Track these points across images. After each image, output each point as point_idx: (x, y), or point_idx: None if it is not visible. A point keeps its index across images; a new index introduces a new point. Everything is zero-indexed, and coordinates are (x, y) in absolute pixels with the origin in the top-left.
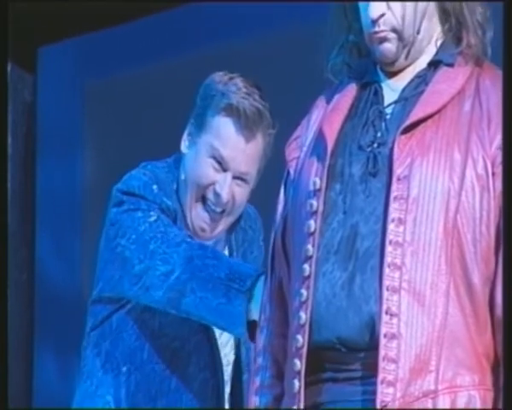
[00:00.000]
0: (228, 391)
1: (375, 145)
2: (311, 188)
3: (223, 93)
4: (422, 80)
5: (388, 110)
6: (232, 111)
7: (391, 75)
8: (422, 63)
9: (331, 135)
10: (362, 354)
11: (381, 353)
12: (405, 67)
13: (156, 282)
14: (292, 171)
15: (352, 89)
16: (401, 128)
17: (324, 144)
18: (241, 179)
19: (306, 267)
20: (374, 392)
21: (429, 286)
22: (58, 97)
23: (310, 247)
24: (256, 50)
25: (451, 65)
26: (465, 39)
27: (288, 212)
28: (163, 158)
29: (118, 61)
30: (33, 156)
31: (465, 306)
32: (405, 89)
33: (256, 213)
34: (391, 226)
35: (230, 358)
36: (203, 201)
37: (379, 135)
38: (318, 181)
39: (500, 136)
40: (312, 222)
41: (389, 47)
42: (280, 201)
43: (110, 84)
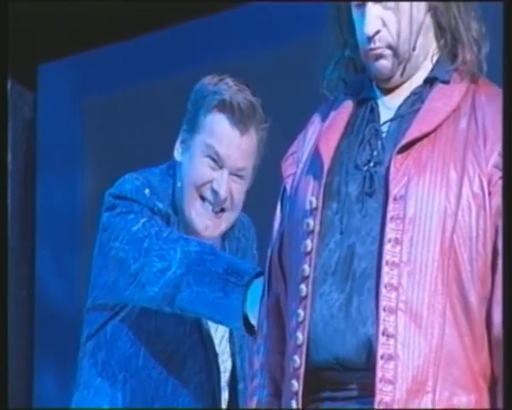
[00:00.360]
0: (226, 398)
1: (372, 164)
2: (308, 207)
3: (214, 92)
4: (418, 97)
5: (384, 128)
6: (225, 107)
7: (387, 92)
8: (418, 79)
9: (327, 153)
10: (359, 374)
11: (378, 374)
12: (401, 84)
13: (152, 278)
14: (288, 187)
15: (348, 106)
16: (397, 147)
17: (321, 163)
18: (238, 176)
19: (303, 288)
20: None
21: (426, 307)
22: (58, 114)
23: (306, 267)
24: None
25: (447, 82)
26: (460, 55)
27: (285, 229)
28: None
29: (117, 79)
30: (33, 173)
31: (462, 325)
32: (401, 106)
33: (249, 221)
34: (387, 247)
35: (228, 365)
36: (202, 200)
37: (375, 154)
38: (315, 200)
39: (496, 153)
40: (309, 242)
41: (385, 64)
42: (276, 217)
43: (110, 101)
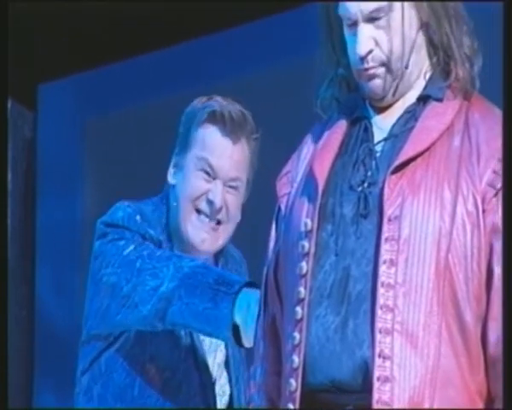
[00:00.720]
0: None
1: (366, 185)
2: (303, 229)
3: (204, 107)
4: (412, 116)
5: (378, 148)
6: (216, 118)
7: (380, 110)
8: (411, 97)
9: (322, 174)
10: (355, 396)
11: (375, 396)
12: (394, 102)
13: (145, 296)
14: (283, 207)
15: (342, 125)
16: (391, 168)
17: (315, 184)
18: (232, 187)
19: (299, 310)
20: None
21: (422, 327)
22: (58, 134)
23: (302, 289)
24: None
25: (440, 99)
26: (453, 72)
27: (280, 249)
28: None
29: (117, 98)
30: (33, 192)
31: (457, 345)
32: (395, 125)
33: (241, 256)
34: (382, 268)
35: (226, 389)
36: (198, 213)
37: (369, 174)
38: (310, 222)
39: (490, 171)
40: (304, 264)
41: (378, 83)
42: (271, 236)
43: (110, 120)
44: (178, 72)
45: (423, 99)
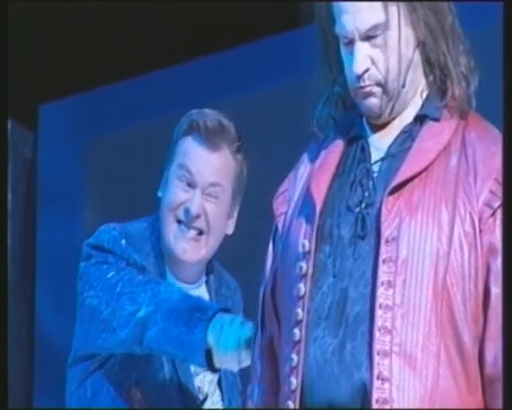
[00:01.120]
0: None
1: (363, 206)
2: (301, 250)
3: (188, 117)
4: (408, 136)
5: (375, 168)
6: (193, 127)
7: (377, 129)
8: (408, 116)
9: (319, 195)
10: None
11: None
12: (391, 121)
13: (123, 321)
14: (280, 226)
15: (339, 145)
16: (388, 189)
17: (313, 204)
18: (212, 195)
19: (297, 332)
20: None
21: (420, 349)
22: (58, 154)
23: (300, 311)
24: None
25: (437, 119)
26: (450, 91)
27: (277, 269)
28: None
29: (118, 118)
30: (33, 213)
31: (456, 366)
32: (392, 145)
33: (236, 284)
34: (380, 290)
35: (219, 406)
36: (178, 223)
37: (366, 195)
38: (307, 243)
39: (487, 190)
40: (302, 285)
41: (374, 101)
42: (269, 255)
43: (110, 140)
44: (178, 92)
45: (420, 119)
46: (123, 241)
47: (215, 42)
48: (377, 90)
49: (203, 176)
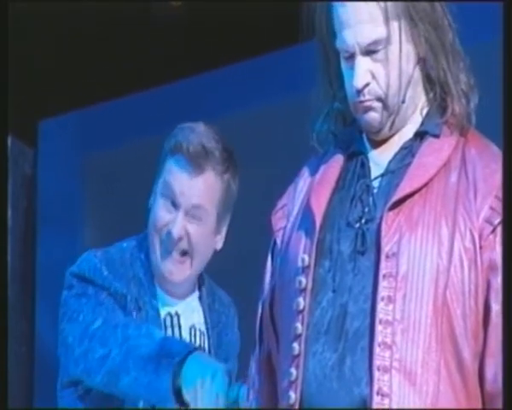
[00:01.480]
0: None
1: (363, 221)
2: (300, 264)
3: (176, 134)
4: (408, 152)
5: (375, 183)
6: (177, 148)
7: (377, 145)
8: (408, 132)
9: (319, 209)
10: None
11: None
12: (391, 137)
13: (95, 366)
14: (279, 241)
15: (339, 160)
16: (388, 204)
17: (312, 219)
18: (195, 216)
19: (296, 346)
20: None
21: (420, 364)
22: (58, 170)
23: (299, 325)
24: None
25: (437, 136)
26: (450, 108)
27: (276, 284)
28: None
29: (117, 134)
30: (33, 229)
31: (456, 382)
32: (391, 161)
33: (229, 300)
34: (380, 305)
35: None
36: (162, 244)
37: (366, 210)
38: (307, 258)
39: (487, 207)
40: (301, 300)
41: (374, 116)
42: (267, 270)
43: (110, 156)
44: (178, 107)
45: (420, 135)
46: (104, 269)
47: (215, 57)
48: (377, 105)
49: (186, 198)
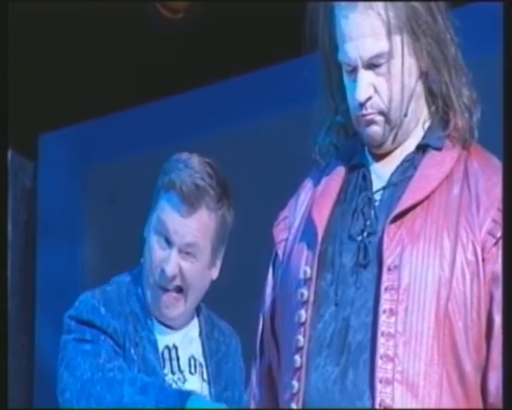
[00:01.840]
0: None
1: (365, 234)
2: (302, 277)
3: (170, 170)
4: (411, 164)
5: (377, 196)
6: (170, 186)
7: (379, 158)
8: (410, 146)
9: (321, 221)
10: None
11: None
12: (393, 150)
13: None
14: (280, 253)
15: (341, 172)
16: (390, 217)
17: (314, 231)
18: (189, 253)
19: (297, 358)
20: None
21: (422, 377)
22: (58, 184)
23: (301, 337)
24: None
25: (439, 149)
26: (452, 122)
27: (277, 296)
28: None
29: (118, 148)
30: (33, 243)
31: (458, 394)
32: (393, 174)
33: (231, 330)
34: (382, 318)
35: None
36: (155, 283)
37: (368, 223)
38: (309, 270)
39: (489, 220)
40: (303, 312)
41: (376, 130)
42: (268, 282)
43: (110, 170)
44: (179, 122)
45: (422, 148)
46: (102, 309)
47: (216, 70)
48: (379, 118)
49: (180, 236)
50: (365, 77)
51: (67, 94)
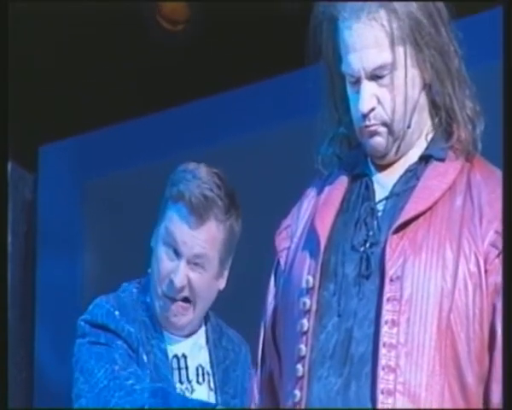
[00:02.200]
0: None
1: (368, 245)
2: (304, 286)
3: (178, 181)
4: (413, 175)
5: (380, 206)
6: (179, 197)
7: (381, 168)
8: (413, 156)
9: (323, 231)
10: None
11: None
12: (396, 161)
13: None
14: (282, 262)
15: (343, 181)
16: (393, 228)
17: (317, 240)
18: (197, 264)
19: (300, 368)
20: None
21: (424, 388)
22: (58, 195)
23: (303, 347)
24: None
25: (442, 160)
26: (455, 134)
27: (279, 304)
28: None
29: (118, 160)
30: (33, 255)
31: (459, 406)
32: (396, 184)
33: (240, 339)
34: (384, 328)
35: None
36: (163, 294)
37: (371, 234)
38: (311, 279)
39: (492, 231)
40: (305, 321)
41: (380, 141)
42: (270, 290)
43: (110, 182)
44: (180, 132)
45: (425, 158)
46: (116, 313)
47: (219, 81)
48: (383, 129)
49: (188, 247)
50: (368, 88)
51: (67, 94)
